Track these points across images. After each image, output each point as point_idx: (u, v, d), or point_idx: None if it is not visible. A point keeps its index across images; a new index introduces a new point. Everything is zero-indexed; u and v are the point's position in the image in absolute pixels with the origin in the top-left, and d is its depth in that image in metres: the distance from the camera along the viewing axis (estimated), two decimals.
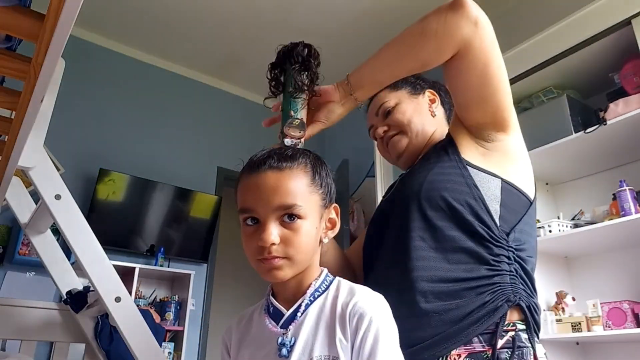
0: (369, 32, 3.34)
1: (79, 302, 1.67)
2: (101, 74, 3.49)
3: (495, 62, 0.83)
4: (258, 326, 0.76)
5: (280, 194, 0.68)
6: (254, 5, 3.15)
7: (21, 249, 2.82)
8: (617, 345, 2.03)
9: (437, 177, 0.87)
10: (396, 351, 0.65)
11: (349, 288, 0.72)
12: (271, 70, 0.89)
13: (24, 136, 1.02)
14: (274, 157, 0.71)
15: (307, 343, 0.68)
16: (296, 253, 0.68)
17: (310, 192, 0.71)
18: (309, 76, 0.87)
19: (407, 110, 1.05)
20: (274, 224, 0.68)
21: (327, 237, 0.76)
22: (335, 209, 0.77)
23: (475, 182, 0.85)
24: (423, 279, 0.80)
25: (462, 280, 0.79)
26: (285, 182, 0.69)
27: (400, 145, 1.04)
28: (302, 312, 0.71)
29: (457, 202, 0.82)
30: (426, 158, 0.96)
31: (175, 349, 3.13)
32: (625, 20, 1.87)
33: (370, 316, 0.65)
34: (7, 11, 0.70)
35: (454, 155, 0.89)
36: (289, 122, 0.85)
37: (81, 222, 1.34)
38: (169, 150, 3.65)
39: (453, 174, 0.86)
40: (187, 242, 3.48)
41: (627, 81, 1.95)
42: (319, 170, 0.74)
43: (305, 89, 0.86)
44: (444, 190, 0.84)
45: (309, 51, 0.87)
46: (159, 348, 1.39)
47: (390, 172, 2.85)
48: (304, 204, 0.69)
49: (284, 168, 0.70)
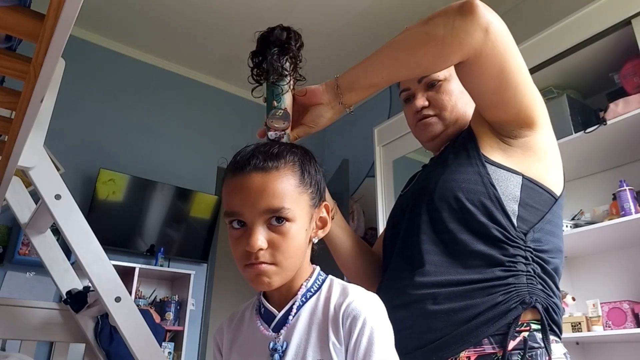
0: (369, 32, 3.34)
1: (79, 302, 1.67)
2: (101, 74, 3.49)
3: (512, 64, 0.77)
4: (249, 328, 0.73)
5: (267, 197, 0.64)
6: (254, 5, 3.15)
7: (21, 249, 2.82)
8: (617, 345, 2.03)
9: (452, 176, 0.83)
10: (391, 352, 0.63)
11: (341, 288, 0.69)
12: (252, 59, 0.83)
13: (24, 136, 1.02)
14: (258, 157, 0.66)
15: (300, 348, 0.66)
16: (284, 258, 0.65)
17: (299, 193, 0.67)
18: (289, 60, 0.80)
19: (454, 92, 0.94)
20: (261, 227, 0.64)
21: (317, 237, 0.73)
22: (326, 207, 0.73)
23: (492, 181, 0.81)
24: (433, 283, 0.78)
25: (474, 282, 0.77)
26: (272, 184, 0.65)
27: (434, 131, 0.95)
28: (293, 314, 0.68)
29: (471, 202, 0.80)
30: (445, 153, 0.91)
31: (175, 349, 3.13)
32: (625, 20, 1.87)
33: (364, 317, 0.63)
34: (7, 11, 0.70)
35: (472, 151, 0.84)
36: (272, 114, 0.79)
37: (81, 222, 1.34)
38: (169, 150, 3.65)
39: (470, 172, 0.82)
40: (187, 242, 3.48)
41: (627, 81, 1.95)
42: (308, 167, 0.70)
43: (286, 74, 0.80)
44: (458, 190, 0.81)
45: (288, 34, 0.80)
46: (159, 348, 1.39)
47: (390, 172, 2.84)
48: (292, 206, 0.65)
49: (270, 169, 0.66)
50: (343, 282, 0.71)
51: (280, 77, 0.80)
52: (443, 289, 0.77)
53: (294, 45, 0.80)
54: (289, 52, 0.80)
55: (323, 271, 0.75)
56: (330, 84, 0.83)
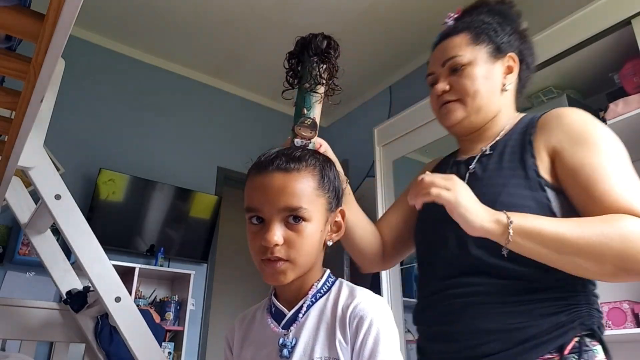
0: (369, 32, 3.34)
1: (79, 302, 1.68)
2: (101, 74, 3.49)
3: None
4: (260, 326, 0.76)
5: (287, 196, 0.67)
6: (254, 5, 3.15)
7: (21, 249, 2.82)
8: (617, 345, 2.01)
9: (509, 200, 0.79)
10: (396, 353, 0.65)
11: (349, 290, 0.72)
12: (289, 60, 0.83)
13: (24, 136, 1.02)
14: (281, 158, 0.70)
15: (308, 344, 0.68)
16: (298, 255, 0.68)
17: (317, 196, 0.70)
18: (327, 70, 0.81)
19: (477, 77, 0.90)
20: (278, 224, 0.67)
21: (332, 240, 0.75)
22: (342, 212, 0.76)
23: (552, 207, 0.79)
24: (489, 304, 0.78)
25: (531, 303, 0.76)
26: (292, 183, 0.68)
27: (455, 117, 0.92)
28: (303, 313, 0.71)
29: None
30: (500, 158, 0.87)
31: (175, 349, 3.13)
32: (625, 20, 1.87)
33: (371, 319, 0.65)
34: (7, 11, 0.70)
35: (531, 170, 0.81)
36: (301, 121, 0.81)
37: (81, 222, 1.34)
38: (169, 150, 3.64)
39: (528, 197, 0.79)
40: (187, 242, 3.48)
41: (627, 81, 1.94)
42: (328, 173, 0.73)
43: (323, 83, 0.81)
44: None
45: (329, 43, 0.80)
46: (159, 348, 1.39)
47: (390, 172, 2.84)
48: (309, 206, 0.68)
49: (292, 170, 0.69)
50: (351, 284, 0.74)
51: (316, 85, 0.81)
52: (499, 306, 0.77)
53: (333, 56, 0.81)
54: (328, 62, 0.81)
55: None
56: (501, 214, 0.74)
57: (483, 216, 0.73)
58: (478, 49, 0.91)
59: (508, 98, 0.95)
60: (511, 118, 0.94)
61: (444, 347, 0.83)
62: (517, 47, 0.95)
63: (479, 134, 0.94)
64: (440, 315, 0.84)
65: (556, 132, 0.83)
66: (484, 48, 0.92)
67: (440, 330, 0.84)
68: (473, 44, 0.92)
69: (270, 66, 3.73)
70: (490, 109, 0.91)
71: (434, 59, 0.97)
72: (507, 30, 0.94)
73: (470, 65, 0.90)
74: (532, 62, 0.97)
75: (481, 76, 0.90)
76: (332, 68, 0.81)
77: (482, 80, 0.90)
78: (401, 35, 3.37)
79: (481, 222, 0.73)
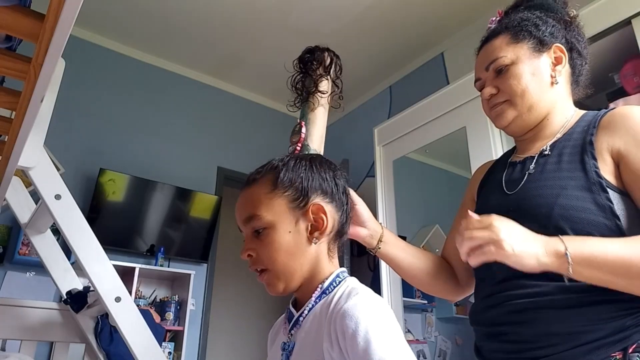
0: (369, 32, 3.34)
1: (79, 302, 1.68)
2: (101, 74, 3.49)
3: None
4: (280, 330, 0.77)
5: (243, 209, 0.71)
6: (254, 5, 3.15)
7: (21, 249, 2.82)
8: None
9: (568, 202, 0.77)
10: (394, 346, 0.59)
11: (348, 290, 0.67)
12: (294, 86, 0.90)
13: (24, 136, 1.02)
14: (252, 173, 0.74)
15: (301, 347, 0.67)
16: (271, 264, 0.69)
17: (271, 198, 0.69)
18: (315, 81, 0.87)
19: (523, 75, 0.88)
20: (249, 238, 0.71)
21: (317, 239, 0.70)
22: (317, 207, 0.70)
23: (614, 210, 0.75)
24: (551, 308, 0.76)
25: (594, 305, 0.74)
26: (247, 195, 0.71)
27: (506, 118, 0.90)
28: (304, 316, 0.70)
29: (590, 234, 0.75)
30: (559, 158, 0.84)
31: (175, 349, 3.13)
32: (625, 20, 1.87)
33: (357, 319, 0.59)
34: (7, 11, 0.70)
35: (591, 172, 0.78)
36: (292, 130, 0.89)
37: (81, 222, 1.34)
38: (169, 150, 3.64)
39: (587, 199, 0.76)
40: (187, 242, 3.48)
41: (627, 81, 1.94)
42: (286, 172, 0.71)
43: (309, 93, 0.86)
44: (576, 223, 0.75)
45: (311, 55, 0.86)
46: (159, 348, 1.39)
47: (390, 172, 2.84)
48: (265, 212, 0.69)
49: (251, 183, 0.72)
50: (356, 284, 0.69)
51: (308, 95, 0.87)
52: (563, 311, 0.76)
53: (314, 65, 0.86)
54: (307, 73, 0.87)
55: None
56: (557, 241, 0.71)
57: (537, 252, 0.69)
58: (520, 47, 0.90)
59: (561, 91, 0.92)
60: (570, 114, 0.91)
61: (503, 346, 0.82)
62: (562, 36, 0.92)
63: (535, 132, 0.92)
64: (499, 316, 0.82)
65: (621, 133, 0.79)
66: (526, 44, 0.90)
67: (499, 331, 0.82)
68: (513, 42, 0.90)
69: (270, 66, 3.73)
70: (543, 104, 0.89)
71: (478, 65, 0.96)
72: (550, 22, 0.92)
73: (513, 64, 0.89)
74: (583, 48, 0.95)
75: (527, 73, 0.88)
76: (318, 78, 0.87)
77: (528, 77, 0.88)
78: (401, 35, 3.37)
79: (537, 261, 0.69)
